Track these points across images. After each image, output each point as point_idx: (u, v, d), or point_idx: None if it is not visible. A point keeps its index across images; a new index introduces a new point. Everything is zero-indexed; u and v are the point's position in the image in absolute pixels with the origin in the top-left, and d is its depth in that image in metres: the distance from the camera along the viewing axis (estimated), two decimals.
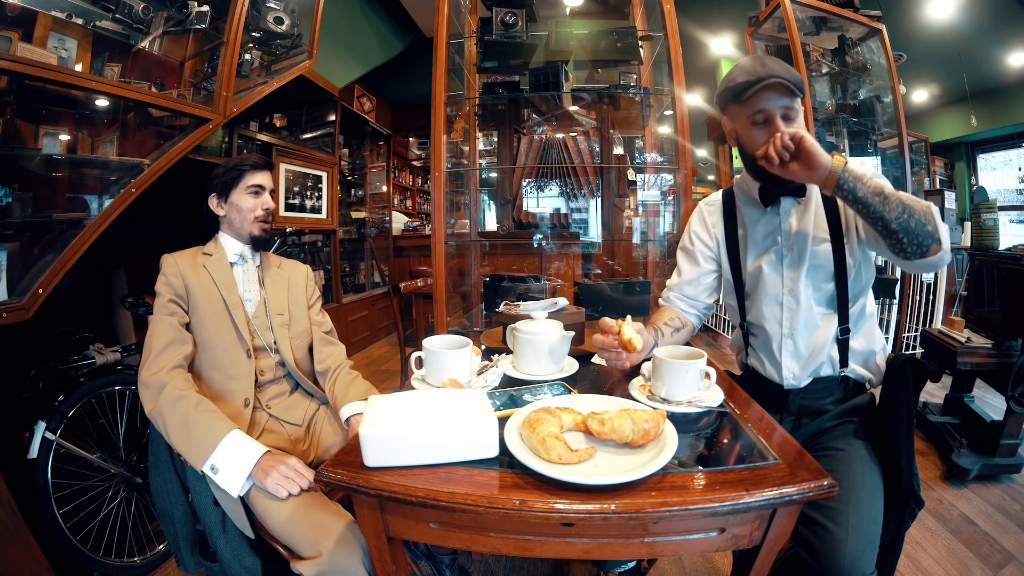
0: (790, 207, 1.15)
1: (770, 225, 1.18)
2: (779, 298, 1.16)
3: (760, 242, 1.19)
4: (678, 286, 1.31)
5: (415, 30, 5.38)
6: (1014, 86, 4.94)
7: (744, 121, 1.08)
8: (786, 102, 1.03)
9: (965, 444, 2.13)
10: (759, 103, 1.04)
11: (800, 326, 1.13)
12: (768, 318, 1.18)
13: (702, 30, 5.18)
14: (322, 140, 4.10)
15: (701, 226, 1.30)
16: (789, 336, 1.15)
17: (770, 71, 1.01)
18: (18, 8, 1.57)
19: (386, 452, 0.70)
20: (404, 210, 6.28)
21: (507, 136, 2.41)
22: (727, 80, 1.07)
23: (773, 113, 1.03)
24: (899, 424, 0.96)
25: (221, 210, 1.31)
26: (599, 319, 1.02)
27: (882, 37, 3.21)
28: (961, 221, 3.70)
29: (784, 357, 1.16)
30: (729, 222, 1.25)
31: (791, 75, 1.01)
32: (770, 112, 1.04)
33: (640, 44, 2.10)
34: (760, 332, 1.21)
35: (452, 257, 2.05)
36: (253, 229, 1.31)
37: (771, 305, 1.18)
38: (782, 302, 1.16)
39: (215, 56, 2.08)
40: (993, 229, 3.10)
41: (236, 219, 1.30)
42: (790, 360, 1.16)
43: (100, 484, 1.62)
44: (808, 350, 1.14)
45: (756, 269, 1.19)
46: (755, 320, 1.22)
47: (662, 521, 0.65)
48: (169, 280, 1.21)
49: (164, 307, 1.19)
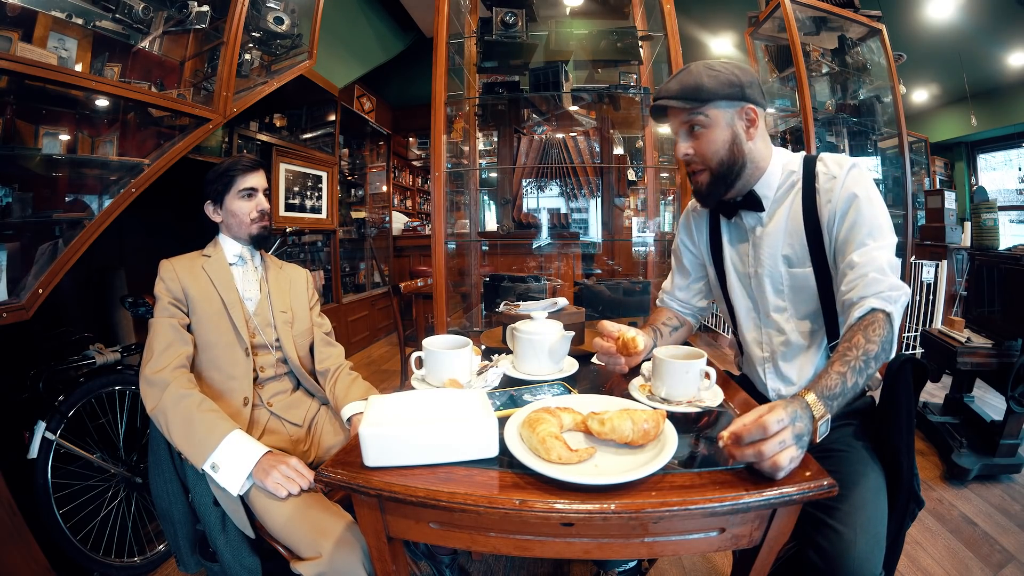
0: (754, 222, 1.09)
1: (739, 242, 1.13)
2: (756, 322, 1.13)
3: (733, 261, 1.15)
4: (671, 291, 1.30)
5: (415, 30, 5.38)
6: (1014, 86, 4.94)
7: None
8: (684, 117, 1.01)
9: (965, 444, 2.13)
10: (664, 125, 1.09)
11: (780, 352, 1.09)
12: (749, 340, 1.15)
13: (702, 30, 5.18)
14: (322, 140, 4.10)
15: (687, 234, 1.27)
16: (770, 360, 1.11)
17: (659, 92, 1.03)
18: (18, 8, 1.57)
19: (386, 452, 0.70)
20: (404, 210, 6.28)
21: (507, 136, 2.41)
22: None
23: (675, 130, 1.05)
24: (899, 424, 0.96)
25: (218, 216, 1.33)
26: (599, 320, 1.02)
27: (882, 37, 3.21)
28: (961, 221, 3.70)
29: (768, 379, 1.12)
30: (714, 232, 1.20)
31: (684, 87, 0.99)
32: (674, 131, 1.06)
33: (640, 44, 2.10)
34: (746, 349, 1.18)
35: (452, 257, 2.05)
36: (251, 230, 1.33)
37: (750, 329, 1.14)
38: (761, 328, 1.12)
39: (215, 56, 2.07)
40: (993, 229, 3.10)
41: (233, 223, 1.32)
42: (775, 381, 1.12)
43: (100, 484, 1.62)
44: (793, 372, 1.09)
45: (736, 290, 1.15)
46: (740, 337, 1.19)
47: (662, 521, 0.65)
48: (167, 285, 1.22)
49: (164, 309, 1.20)
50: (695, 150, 1.03)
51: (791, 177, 1.05)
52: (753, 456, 0.65)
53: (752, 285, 1.11)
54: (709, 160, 1.02)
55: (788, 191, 1.05)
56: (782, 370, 1.10)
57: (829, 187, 0.99)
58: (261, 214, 1.33)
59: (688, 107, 0.99)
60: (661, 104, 1.02)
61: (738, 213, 1.10)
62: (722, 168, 1.02)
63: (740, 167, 1.03)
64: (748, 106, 1.00)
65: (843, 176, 0.98)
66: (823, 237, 1.01)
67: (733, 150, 1.01)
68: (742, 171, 1.04)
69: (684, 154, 1.04)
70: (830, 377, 0.76)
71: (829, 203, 0.99)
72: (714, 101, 0.98)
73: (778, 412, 0.67)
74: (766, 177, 1.06)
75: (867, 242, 0.93)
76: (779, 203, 1.06)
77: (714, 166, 1.02)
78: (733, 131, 1.01)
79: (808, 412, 0.70)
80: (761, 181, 1.06)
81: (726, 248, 1.16)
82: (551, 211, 2.45)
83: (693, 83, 0.98)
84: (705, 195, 1.08)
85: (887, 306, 0.86)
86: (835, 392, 0.75)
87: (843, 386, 0.76)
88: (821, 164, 1.03)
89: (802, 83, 2.90)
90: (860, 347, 0.80)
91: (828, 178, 1.00)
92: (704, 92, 0.98)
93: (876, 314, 0.85)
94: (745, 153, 1.02)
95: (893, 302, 0.86)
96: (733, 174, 1.03)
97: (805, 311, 1.06)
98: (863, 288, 0.89)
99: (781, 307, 1.07)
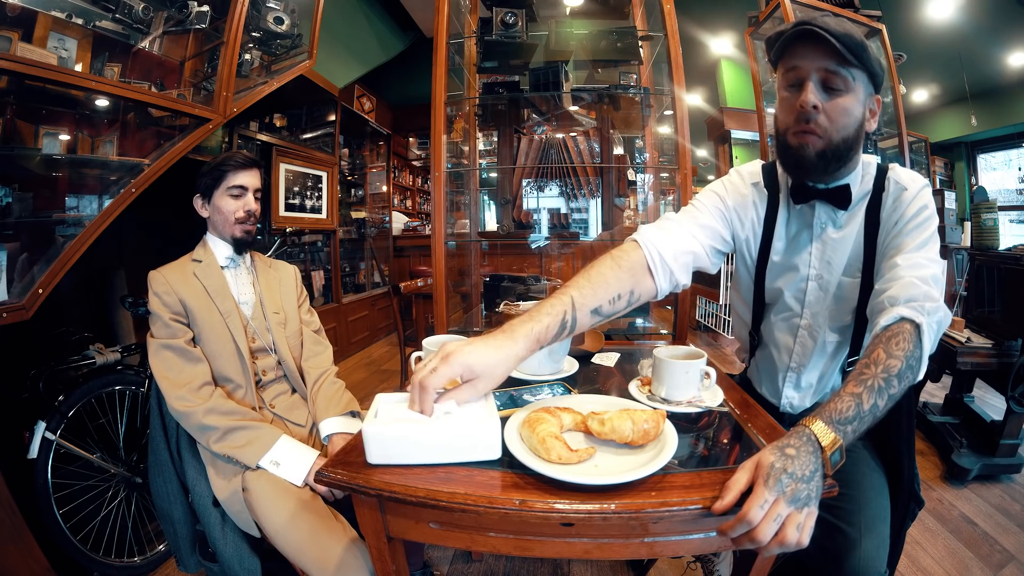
0: (826, 219, 0.97)
1: (800, 237, 1.00)
2: (794, 330, 1.03)
3: (788, 258, 1.02)
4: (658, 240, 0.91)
5: (415, 30, 5.38)
6: (1014, 86, 4.94)
7: (781, 84, 0.90)
8: (832, 65, 0.82)
9: (965, 444, 2.13)
10: (791, 58, 0.86)
11: (810, 363, 1.03)
12: (778, 345, 1.06)
13: (702, 30, 5.18)
14: (322, 140, 4.10)
15: (736, 199, 1.02)
16: (796, 370, 1.05)
17: (814, 20, 0.81)
18: (18, 8, 1.57)
19: (389, 451, 0.70)
20: (404, 210, 6.28)
21: (507, 136, 2.41)
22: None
23: (807, 73, 0.84)
24: (900, 424, 0.95)
25: (205, 211, 1.28)
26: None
27: (882, 37, 3.21)
28: (961, 221, 3.69)
29: (786, 388, 1.07)
30: (771, 209, 1.02)
31: (849, 34, 0.81)
32: (803, 71, 0.84)
33: (640, 44, 2.10)
34: (766, 354, 1.10)
35: (452, 257, 2.04)
36: (234, 231, 1.28)
37: (784, 333, 1.05)
38: (796, 335, 1.03)
39: (215, 56, 2.07)
40: (993, 229, 3.09)
41: (218, 221, 1.27)
42: (792, 391, 1.07)
43: (100, 484, 1.62)
44: (812, 383, 1.05)
45: (777, 289, 1.04)
46: (765, 338, 1.10)
47: (662, 521, 0.65)
48: (163, 300, 1.18)
49: (164, 328, 1.16)
50: (826, 110, 0.85)
51: (867, 185, 0.96)
52: (753, 546, 0.57)
53: (807, 288, 1.00)
54: (834, 128, 0.86)
55: (864, 199, 0.96)
56: (803, 378, 1.05)
57: (898, 197, 0.91)
58: (247, 215, 1.27)
59: (845, 56, 0.82)
60: (817, 30, 0.81)
61: (812, 204, 0.96)
62: (843, 145, 0.87)
63: (854, 152, 0.90)
64: (877, 96, 0.90)
65: (916, 190, 0.90)
66: (876, 247, 0.92)
67: (858, 130, 0.88)
68: (853, 157, 0.91)
69: (813, 105, 0.84)
70: (842, 400, 0.66)
71: (894, 212, 0.91)
72: (865, 70, 0.85)
73: (759, 494, 0.57)
74: (856, 174, 0.95)
75: (917, 252, 0.84)
76: (856, 208, 0.96)
77: (836, 137, 0.87)
78: (864, 111, 0.88)
79: (810, 446, 0.61)
80: (852, 175, 0.94)
81: (780, 241, 1.01)
82: (551, 211, 2.45)
83: (859, 40, 0.82)
84: (810, 167, 0.89)
85: (918, 316, 0.74)
86: (848, 416, 0.65)
87: (858, 409, 0.66)
88: (893, 173, 0.94)
89: None
90: (880, 363, 0.70)
91: (900, 189, 0.92)
92: (866, 56, 0.83)
93: (903, 324, 0.74)
94: (861, 140, 0.91)
95: (927, 313, 0.75)
96: (847, 157, 0.90)
97: (841, 322, 0.99)
98: (896, 291, 0.79)
99: (826, 316, 1.00)
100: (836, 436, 0.63)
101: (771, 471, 0.59)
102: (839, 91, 0.85)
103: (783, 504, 0.57)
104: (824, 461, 0.61)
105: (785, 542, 0.57)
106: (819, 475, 0.60)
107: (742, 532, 0.57)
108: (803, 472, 0.59)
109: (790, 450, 0.61)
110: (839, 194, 0.93)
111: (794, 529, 0.57)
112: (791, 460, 0.60)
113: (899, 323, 0.75)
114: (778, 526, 0.57)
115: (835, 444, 0.62)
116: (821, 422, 0.64)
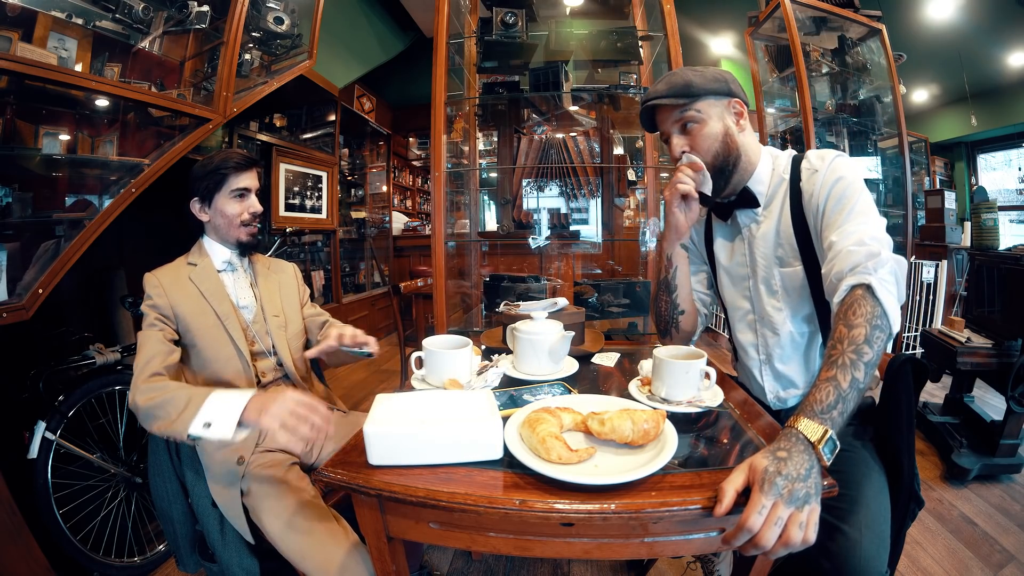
0: (748, 220, 1.09)
1: (732, 242, 1.13)
2: (752, 327, 1.12)
3: (726, 262, 1.15)
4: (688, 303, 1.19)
5: (415, 30, 5.38)
6: (1014, 86, 4.94)
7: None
8: (676, 115, 1.01)
9: (965, 444, 2.13)
10: (655, 126, 1.08)
11: (776, 354, 1.08)
12: (744, 343, 1.14)
13: (702, 30, 5.18)
14: (322, 140, 4.10)
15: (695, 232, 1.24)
16: (767, 363, 1.10)
17: (647, 96, 1.03)
18: (18, 8, 1.57)
19: (391, 451, 0.70)
20: (404, 210, 6.28)
21: (507, 136, 2.41)
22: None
23: (667, 131, 1.05)
24: (900, 424, 0.96)
25: (204, 215, 1.24)
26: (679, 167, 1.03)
27: (882, 37, 3.21)
28: (961, 221, 3.69)
29: (766, 381, 1.12)
30: (708, 232, 1.20)
31: (673, 85, 1.00)
32: (664, 131, 1.05)
33: (640, 44, 2.10)
34: (741, 352, 1.17)
35: (452, 257, 2.04)
36: (240, 235, 1.25)
37: (746, 332, 1.13)
38: (756, 331, 1.11)
39: (215, 56, 2.08)
40: (993, 229, 3.09)
41: (221, 225, 1.23)
42: (772, 383, 1.11)
43: (100, 484, 1.62)
44: (791, 374, 1.08)
45: (731, 293, 1.15)
46: (736, 339, 1.18)
47: (662, 521, 0.65)
48: (155, 302, 1.15)
49: (151, 324, 1.13)
50: (691, 146, 1.03)
51: (781, 177, 1.05)
52: (758, 552, 0.58)
53: (748, 286, 1.11)
54: (705, 155, 1.02)
55: (778, 191, 1.05)
56: (780, 372, 1.09)
57: (812, 181, 0.98)
58: (253, 216, 1.25)
59: (680, 103, 1.00)
60: (652, 104, 1.03)
61: (732, 214, 1.10)
62: (718, 161, 1.02)
63: (735, 159, 1.03)
64: (735, 99, 1.02)
65: (824, 168, 0.96)
66: (811, 235, 0.99)
67: (727, 142, 1.02)
68: (737, 163, 1.04)
69: (681, 151, 1.03)
70: (819, 389, 0.69)
71: (812, 196, 0.97)
72: (704, 96, 1.00)
73: (756, 501, 0.58)
74: (757, 173, 1.06)
75: (848, 223, 0.89)
76: (771, 202, 1.06)
77: (710, 160, 1.02)
78: (725, 124, 1.02)
79: (800, 445, 0.63)
80: (753, 177, 1.06)
81: (720, 249, 1.16)
82: (551, 211, 2.45)
83: (681, 81, 1.00)
84: (707, 190, 1.05)
85: (866, 277, 0.78)
86: (829, 403, 0.67)
87: (838, 392, 0.68)
88: (805, 161, 1.02)
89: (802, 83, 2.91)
90: (844, 339, 0.73)
91: (811, 173, 0.99)
92: (694, 88, 0.99)
93: (855, 292, 0.79)
94: (739, 145, 1.03)
95: (873, 271, 0.79)
96: (730, 166, 1.03)
97: (801, 312, 1.04)
98: (840, 265, 0.84)
99: (777, 307, 1.06)
100: (824, 428, 0.65)
101: (765, 475, 0.59)
102: (695, 123, 1.01)
103: (782, 506, 0.58)
104: (818, 456, 0.63)
105: (790, 542, 0.57)
106: (816, 471, 0.61)
107: (745, 540, 0.58)
108: (798, 471, 0.60)
109: (781, 452, 0.62)
110: (745, 197, 1.07)
111: (797, 528, 0.57)
112: (783, 462, 0.61)
113: (850, 292, 0.80)
114: (780, 529, 0.57)
115: (824, 436, 0.64)
116: (805, 418, 0.66)
